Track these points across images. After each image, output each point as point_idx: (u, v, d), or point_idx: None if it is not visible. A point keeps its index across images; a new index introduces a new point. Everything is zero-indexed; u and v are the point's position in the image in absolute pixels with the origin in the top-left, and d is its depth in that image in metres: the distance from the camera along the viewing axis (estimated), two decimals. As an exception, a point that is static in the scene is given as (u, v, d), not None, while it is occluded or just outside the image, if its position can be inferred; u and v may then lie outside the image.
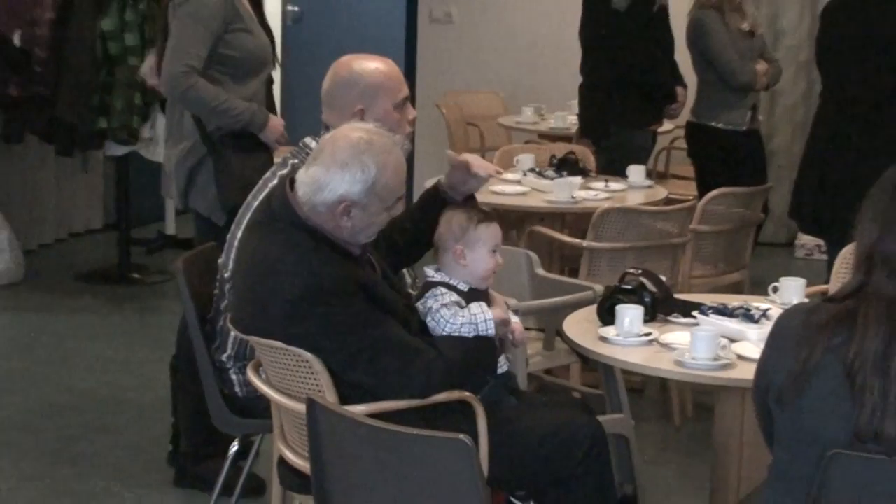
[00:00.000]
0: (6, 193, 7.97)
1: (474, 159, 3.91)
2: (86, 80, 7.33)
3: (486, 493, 2.85)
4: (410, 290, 3.95)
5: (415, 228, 3.95)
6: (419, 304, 3.67)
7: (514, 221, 6.16)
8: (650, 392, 5.78)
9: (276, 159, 4.47)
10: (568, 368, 5.20)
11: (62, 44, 7.38)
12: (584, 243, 5.50)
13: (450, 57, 9.42)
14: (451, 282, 3.70)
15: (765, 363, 3.03)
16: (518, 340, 3.83)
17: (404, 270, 4.15)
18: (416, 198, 4.32)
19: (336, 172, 3.45)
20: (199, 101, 4.76)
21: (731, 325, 3.94)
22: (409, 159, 9.37)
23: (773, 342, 3.01)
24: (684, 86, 6.83)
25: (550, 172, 6.31)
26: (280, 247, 3.51)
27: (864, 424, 2.79)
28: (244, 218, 4.03)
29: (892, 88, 5.62)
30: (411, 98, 4.42)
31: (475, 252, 3.71)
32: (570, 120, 7.66)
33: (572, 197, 5.90)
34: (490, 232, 3.73)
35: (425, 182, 6.40)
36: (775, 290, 4.28)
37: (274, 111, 5.16)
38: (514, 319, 3.80)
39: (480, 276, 3.73)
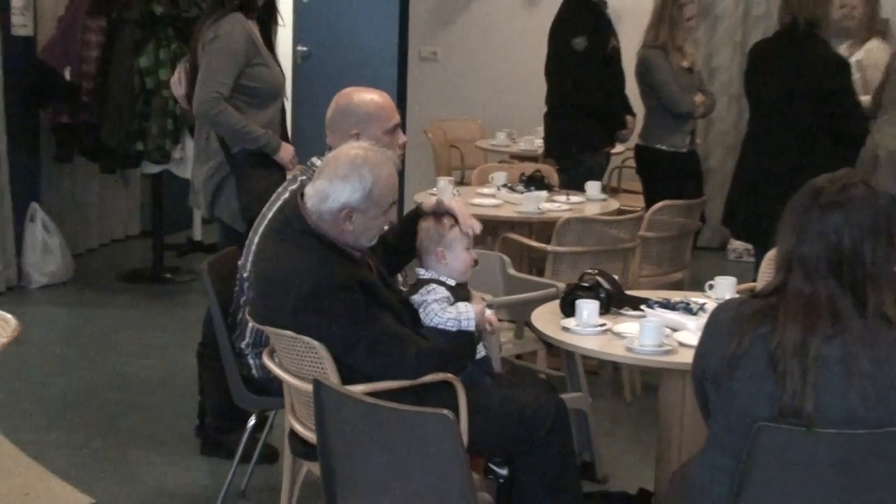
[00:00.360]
0: (58, 205, 7.95)
1: (461, 214, 3.82)
2: (126, 109, 7.32)
3: (466, 459, 2.87)
4: (402, 288, 3.95)
5: (401, 241, 3.95)
6: (415, 297, 3.69)
7: (489, 229, 6.16)
8: (605, 373, 5.79)
9: (288, 176, 4.48)
10: (535, 354, 5.18)
11: (106, 79, 7.38)
12: (549, 248, 5.51)
13: (435, 90, 9.42)
14: (440, 278, 3.73)
15: (701, 349, 3.04)
16: (494, 329, 3.85)
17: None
18: (406, 209, 4.35)
19: (338, 184, 3.47)
20: (225, 124, 4.79)
21: (674, 316, 3.95)
22: (401, 176, 9.36)
23: (708, 331, 3.03)
24: (633, 114, 6.84)
25: (520, 188, 6.32)
26: (292, 250, 3.53)
27: (787, 403, 2.80)
28: (260, 226, 4.05)
29: (806, 117, 5.64)
30: (402, 125, 4.42)
31: (453, 251, 3.74)
32: (536, 143, 7.69)
33: (539, 208, 5.90)
34: (461, 233, 3.76)
35: (415, 196, 6.44)
36: (710, 287, 4.28)
37: (286, 135, 5.16)
38: (489, 312, 3.81)
39: (460, 270, 3.76)
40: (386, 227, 3.72)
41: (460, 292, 3.73)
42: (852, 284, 2.83)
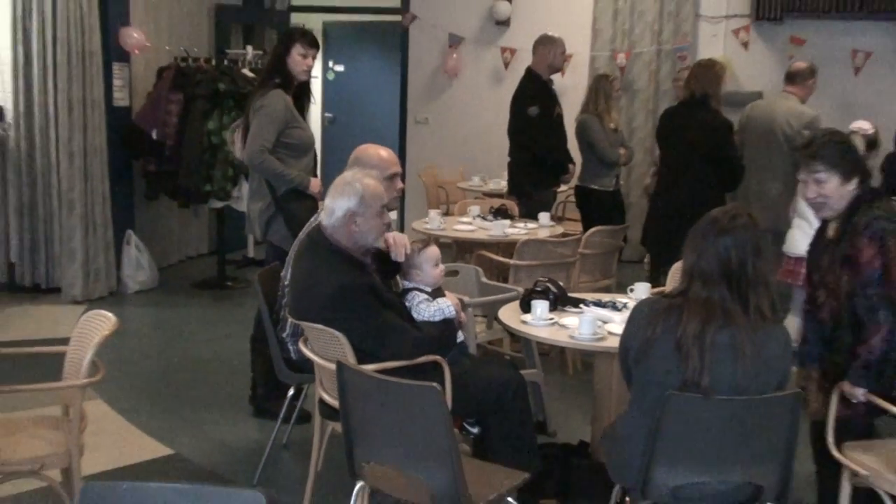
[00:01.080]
0: (148, 231, 7.92)
1: (394, 242, 3.76)
2: (197, 160, 7.33)
3: (450, 420, 2.84)
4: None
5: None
6: (405, 302, 3.67)
7: (468, 248, 6.16)
8: (554, 355, 5.77)
9: (319, 208, 4.46)
10: (502, 340, 5.17)
11: (183, 138, 7.37)
12: (512, 262, 5.49)
13: (427, 145, 9.43)
14: (420, 287, 3.71)
15: (625, 335, 3.03)
16: (462, 320, 3.80)
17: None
18: (407, 233, 4.33)
19: (339, 198, 3.52)
20: (268, 170, 4.77)
21: (604, 312, 3.96)
22: (401, 209, 9.40)
23: (631, 321, 3.02)
24: (573, 163, 6.82)
25: (490, 217, 6.31)
26: (318, 263, 3.53)
27: (688, 378, 2.81)
28: (296, 247, 4.02)
29: (700, 166, 5.64)
30: (403, 172, 4.39)
31: (425, 270, 3.73)
32: (502, 184, 7.68)
33: (504, 233, 5.90)
34: (429, 254, 3.75)
35: (412, 224, 6.42)
36: (631, 290, 4.29)
37: (316, 175, 5.14)
38: (462, 316, 3.79)
39: (433, 282, 3.75)
40: (386, 231, 3.69)
41: (437, 294, 3.73)
42: (738, 290, 2.84)
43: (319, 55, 11.63)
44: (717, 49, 8.66)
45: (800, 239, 5.40)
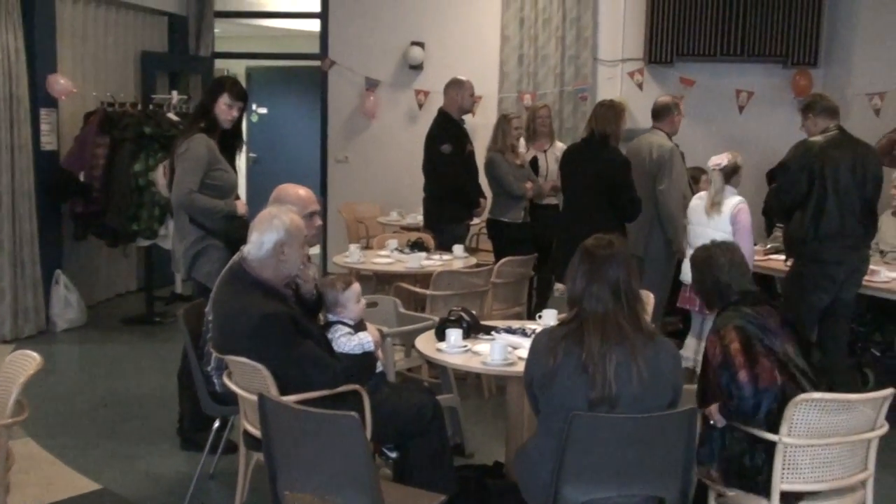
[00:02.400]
0: (77, 270, 7.69)
1: (305, 276, 3.75)
2: (124, 201, 7.18)
3: (369, 447, 2.81)
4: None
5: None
6: (328, 335, 3.63)
7: (387, 280, 6.13)
8: (470, 380, 5.76)
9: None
10: (420, 367, 5.15)
11: (110, 180, 7.22)
12: (428, 292, 5.48)
13: (347, 182, 9.38)
14: (343, 320, 3.68)
15: (528, 364, 3.05)
16: (380, 357, 3.78)
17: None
18: (329, 269, 4.31)
19: (267, 231, 3.50)
20: (197, 207, 4.70)
21: (514, 338, 3.97)
22: (323, 243, 9.31)
23: (532, 351, 3.04)
24: (484, 197, 6.85)
25: (407, 250, 6.30)
26: (239, 296, 3.48)
27: (597, 395, 2.82)
28: (218, 283, 3.93)
29: (600, 198, 5.70)
30: (324, 209, 4.37)
31: (348, 307, 3.70)
32: (418, 218, 7.64)
33: (420, 265, 5.89)
34: (351, 292, 3.72)
35: (333, 257, 6.36)
36: (540, 317, 4.31)
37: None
38: (380, 354, 3.77)
39: (355, 317, 3.72)
40: (305, 263, 3.68)
41: (359, 327, 3.69)
42: (628, 308, 2.89)
43: (243, 98, 11.58)
44: (614, 90, 8.83)
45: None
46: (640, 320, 2.93)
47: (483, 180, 6.82)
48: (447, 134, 6.60)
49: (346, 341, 3.60)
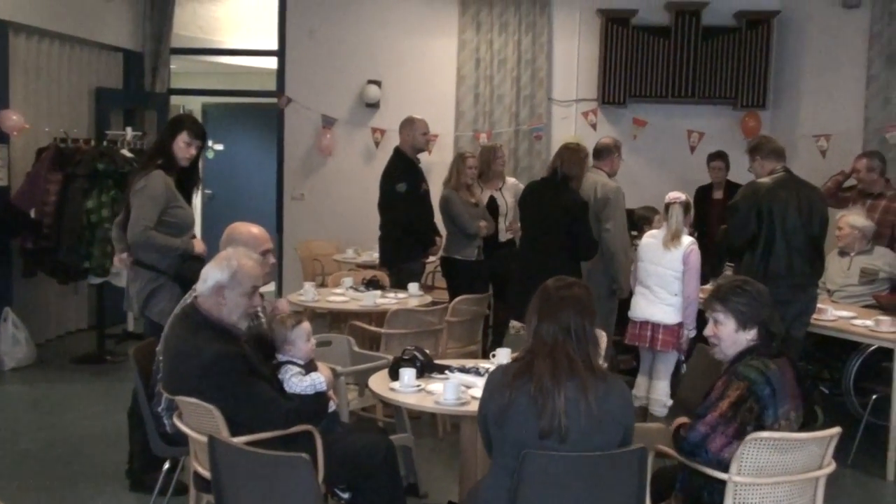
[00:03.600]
0: (26, 308, 7.56)
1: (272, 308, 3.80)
2: (76, 238, 7.10)
3: (318, 489, 2.79)
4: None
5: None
6: (278, 375, 3.61)
7: (342, 318, 6.11)
8: (425, 418, 5.74)
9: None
10: (375, 406, 5.12)
11: (61, 216, 7.14)
12: (383, 331, 5.47)
13: (303, 220, 9.36)
14: (294, 360, 3.66)
15: (482, 403, 3.05)
16: (332, 399, 3.76)
17: None
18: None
19: (213, 268, 3.48)
20: (154, 245, 4.67)
21: (468, 378, 3.96)
22: (279, 282, 9.23)
23: (487, 388, 3.04)
24: (440, 235, 6.88)
25: (362, 288, 6.29)
26: (190, 335, 3.45)
27: (546, 426, 2.84)
28: (170, 322, 3.90)
29: (557, 238, 5.74)
30: (280, 247, 4.36)
31: (297, 345, 3.68)
32: (374, 256, 7.63)
33: (375, 303, 5.88)
34: (300, 331, 3.70)
35: (288, 295, 6.33)
36: (493, 356, 4.31)
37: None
38: (333, 396, 3.75)
39: (305, 356, 3.70)
40: (255, 311, 3.65)
41: (310, 367, 3.67)
42: (579, 347, 2.91)
43: (199, 135, 11.53)
44: (568, 129, 8.96)
45: (643, 305, 5.57)
46: (591, 360, 2.95)
47: (438, 218, 6.85)
48: (402, 172, 6.63)
49: (298, 381, 3.58)
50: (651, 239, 5.60)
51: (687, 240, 5.42)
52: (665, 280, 5.44)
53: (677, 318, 5.43)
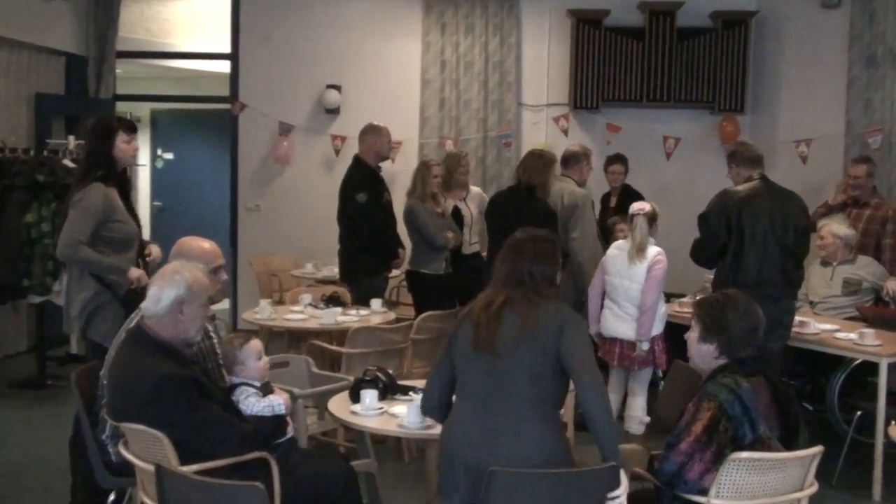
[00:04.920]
0: (-41, 330, 7.47)
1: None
2: (15, 254, 7.01)
3: (275, 520, 2.78)
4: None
5: None
6: (232, 398, 3.59)
7: (300, 337, 6.09)
8: (390, 442, 5.71)
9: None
10: (336, 430, 5.11)
11: (-1, 231, 7.07)
12: (343, 350, 5.46)
13: (259, 233, 9.32)
14: (248, 381, 3.65)
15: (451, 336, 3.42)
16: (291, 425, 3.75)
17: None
18: (239, 326, 4.29)
19: (167, 286, 3.46)
20: (83, 260, 4.65)
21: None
22: (233, 299, 9.17)
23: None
24: (403, 248, 6.88)
25: (322, 305, 6.27)
26: (137, 357, 3.43)
27: (478, 339, 3.26)
28: (115, 344, 3.88)
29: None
30: (234, 261, 4.35)
31: (248, 365, 3.68)
32: (335, 271, 7.63)
33: (336, 321, 5.87)
34: (250, 349, 3.70)
35: (243, 314, 6.30)
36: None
37: (146, 268, 5.00)
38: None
39: (259, 376, 3.70)
40: (209, 331, 3.67)
41: (265, 388, 3.66)
42: (531, 281, 3.32)
43: (147, 143, 11.50)
44: (539, 135, 9.01)
45: (611, 320, 5.61)
46: (540, 292, 3.25)
47: (402, 230, 6.86)
48: (362, 182, 6.63)
49: (255, 402, 3.57)
50: (616, 251, 5.66)
51: (654, 250, 5.49)
52: (631, 294, 5.49)
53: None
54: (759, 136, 8.68)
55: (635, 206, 5.57)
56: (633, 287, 5.47)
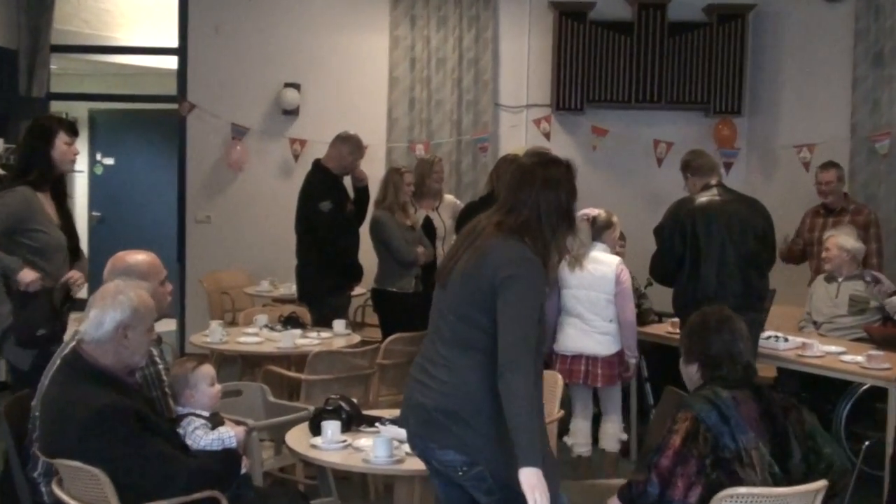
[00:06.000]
0: None
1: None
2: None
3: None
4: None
5: None
6: (178, 430, 3.58)
7: (255, 363, 6.08)
8: (355, 478, 5.67)
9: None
10: (294, 466, 5.09)
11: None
12: (303, 377, 5.45)
13: (209, 247, 9.27)
14: (196, 412, 3.64)
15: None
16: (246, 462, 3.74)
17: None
18: (186, 350, 4.29)
19: (110, 308, 3.44)
20: None
21: (402, 431, 3.91)
22: (181, 321, 9.12)
23: None
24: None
25: (279, 327, 6.27)
26: (73, 386, 3.42)
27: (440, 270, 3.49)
28: (49, 372, 3.85)
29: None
30: (181, 277, 4.36)
31: (198, 391, 3.67)
32: (293, 289, 7.59)
33: (294, 344, 5.87)
34: (202, 373, 3.70)
35: (190, 337, 6.27)
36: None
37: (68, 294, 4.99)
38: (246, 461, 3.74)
39: (209, 404, 3.70)
40: (154, 356, 3.66)
41: (215, 420, 3.66)
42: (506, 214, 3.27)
43: (86, 147, 11.44)
44: (518, 139, 9.03)
45: (574, 335, 5.65)
46: (503, 224, 3.21)
47: (367, 243, 6.87)
48: (326, 189, 6.64)
49: (203, 435, 3.57)
50: (563, 263, 5.78)
51: (612, 258, 5.66)
52: (598, 305, 5.58)
53: (615, 348, 5.58)
54: (757, 140, 8.78)
55: (583, 211, 5.69)
56: (600, 297, 5.59)
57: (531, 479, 2.88)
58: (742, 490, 3.21)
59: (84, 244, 5.26)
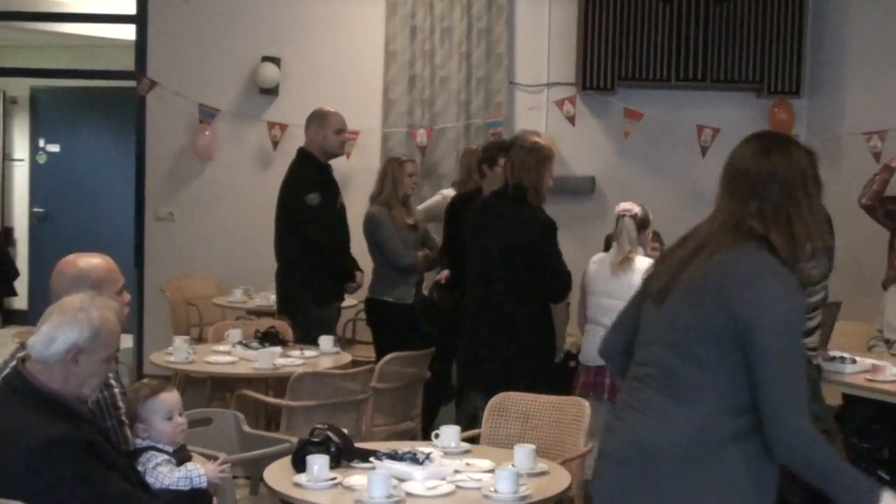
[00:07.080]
0: None
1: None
2: None
3: None
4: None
5: None
6: (137, 466, 3.57)
7: (227, 386, 6.08)
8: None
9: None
10: (273, 507, 5.10)
11: None
12: (283, 402, 5.45)
13: (172, 249, 9.28)
14: (158, 445, 3.64)
15: None
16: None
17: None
18: (146, 370, 4.28)
19: (66, 325, 3.37)
20: None
21: (401, 467, 3.97)
22: (138, 336, 9.15)
23: None
24: (360, 270, 6.87)
25: (255, 344, 6.27)
26: (16, 412, 3.39)
27: None
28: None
29: (517, 274, 5.76)
30: (139, 285, 4.35)
31: (152, 424, 3.66)
32: (272, 299, 7.59)
33: (274, 364, 5.86)
34: (157, 404, 3.66)
35: (151, 355, 6.26)
36: (437, 436, 4.33)
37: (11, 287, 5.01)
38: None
39: (169, 440, 3.67)
40: (108, 378, 3.63)
41: (182, 454, 3.65)
42: None
43: (26, 131, 11.47)
44: (537, 124, 9.00)
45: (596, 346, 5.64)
46: None
47: (360, 245, 6.87)
48: (313, 180, 6.65)
49: (168, 472, 3.57)
50: (597, 266, 5.77)
51: (644, 262, 5.55)
52: None
53: None
54: (819, 125, 8.77)
55: (622, 207, 5.67)
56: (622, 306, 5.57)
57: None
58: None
59: (24, 245, 5.24)
